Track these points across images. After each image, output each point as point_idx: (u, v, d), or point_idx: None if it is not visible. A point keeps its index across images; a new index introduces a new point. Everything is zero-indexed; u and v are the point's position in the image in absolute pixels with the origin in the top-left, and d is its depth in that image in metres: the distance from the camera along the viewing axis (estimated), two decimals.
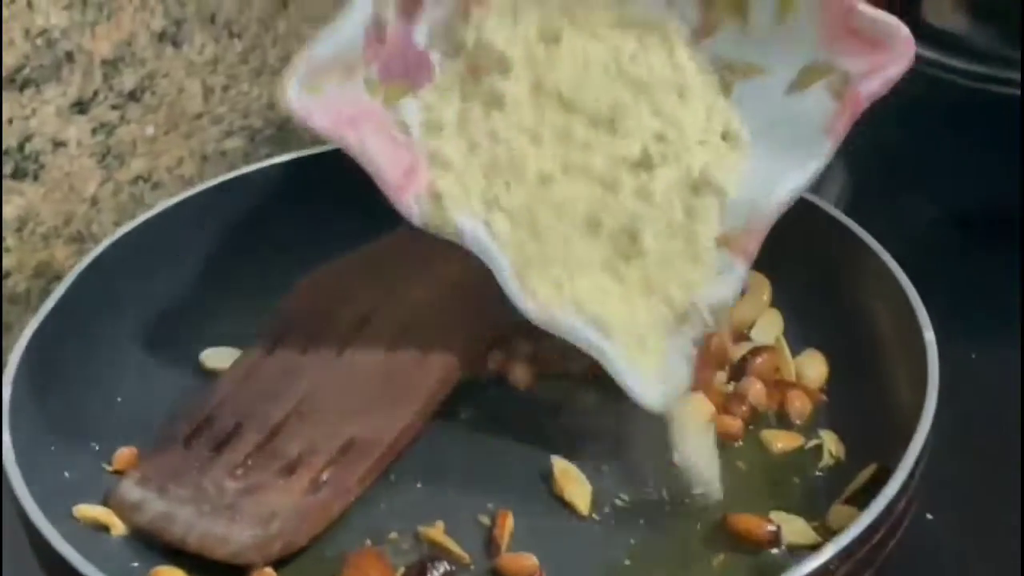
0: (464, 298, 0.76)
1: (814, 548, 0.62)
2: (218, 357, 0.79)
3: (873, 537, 0.61)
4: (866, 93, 0.71)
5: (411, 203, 0.69)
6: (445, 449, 0.74)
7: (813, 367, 0.76)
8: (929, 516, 0.74)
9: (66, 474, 0.71)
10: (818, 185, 0.84)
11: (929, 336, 0.69)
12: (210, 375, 0.78)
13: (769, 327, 0.79)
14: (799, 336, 0.78)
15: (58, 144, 0.97)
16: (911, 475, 0.63)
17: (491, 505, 0.70)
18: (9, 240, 0.96)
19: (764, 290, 0.79)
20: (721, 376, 0.75)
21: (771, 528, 0.67)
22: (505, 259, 0.70)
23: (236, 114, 1.07)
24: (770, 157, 0.72)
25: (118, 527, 0.70)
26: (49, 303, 0.73)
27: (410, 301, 0.77)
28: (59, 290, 0.74)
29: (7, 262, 0.96)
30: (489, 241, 0.70)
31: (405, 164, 0.69)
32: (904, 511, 0.63)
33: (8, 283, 0.96)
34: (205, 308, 0.80)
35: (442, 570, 0.67)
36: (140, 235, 0.79)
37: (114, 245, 0.77)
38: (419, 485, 0.72)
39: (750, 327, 0.79)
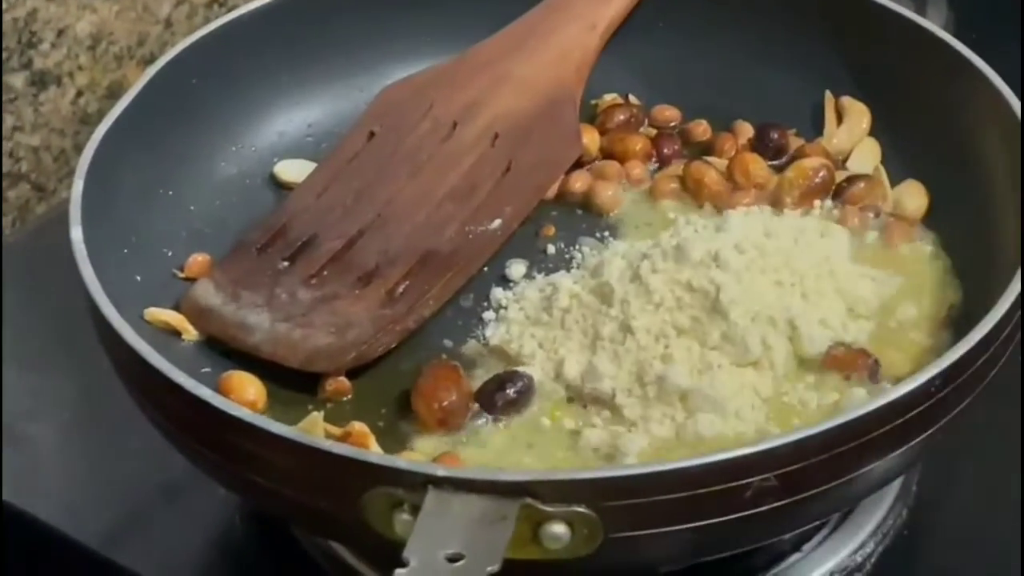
0: (558, 113, 0.72)
1: None
2: (292, 169, 0.76)
3: (979, 358, 0.58)
4: None
5: None
6: None
7: (913, 197, 0.72)
8: None
9: (137, 278, 0.68)
10: (923, 6, 0.80)
11: None
12: (284, 186, 0.76)
13: (867, 156, 0.75)
14: (900, 165, 0.74)
15: None
16: (1016, 304, 0.60)
17: None
18: (82, 58, 0.94)
19: (863, 118, 0.76)
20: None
21: (870, 360, 0.64)
22: None
23: None
24: None
25: (189, 332, 0.68)
26: (122, 103, 0.70)
27: (502, 110, 0.73)
28: (133, 90, 0.71)
29: (80, 80, 0.94)
30: None
31: None
32: (1011, 334, 0.60)
33: (80, 102, 0.95)
34: (279, 119, 0.77)
35: (519, 385, 0.64)
36: (215, 42, 0.75)
37: (190, 49, 0.74)
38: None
39: (847, 156, 0.75)
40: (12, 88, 0.91)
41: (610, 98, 0.79)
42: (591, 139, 0.77)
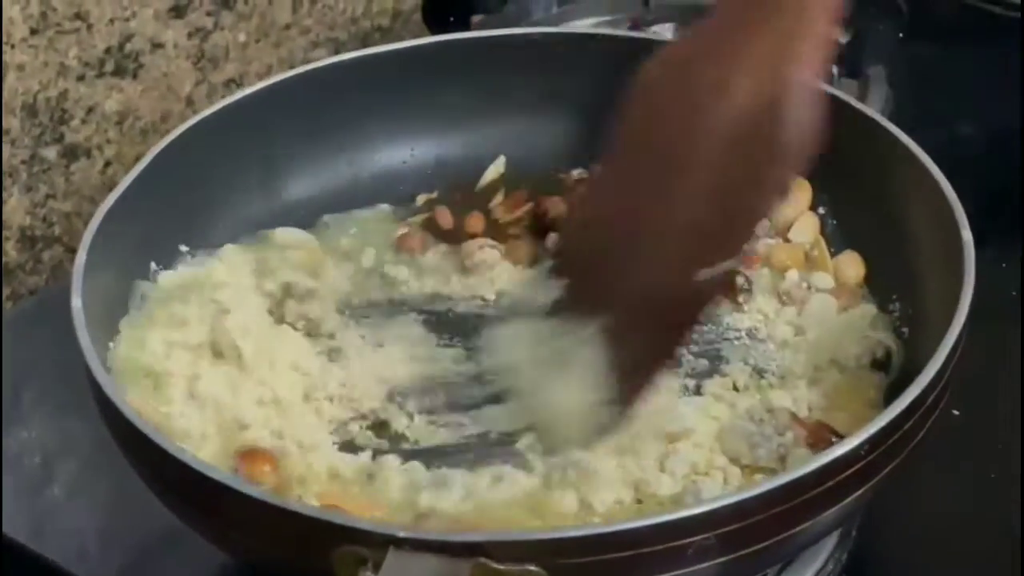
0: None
1: None
2: (287, 237, 0.72)
3: (903, 425, 0.54)
4: None
5: None
6: None
7: (851, 266, 0.69)
8: (956, 412, 0.67)
9: None
10: (863, 94, 0.78)
11: (967, 236, 0.61)
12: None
13: (807, 228, 0.71)
14: (838, 237, 0.71)
15: (156, 46, 0.92)
16: (942, 369, 0.56)
17: None
18: (110, 132, 0.91)
19: (804, 193, 0.72)
20: None
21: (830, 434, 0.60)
22: None
23: (322, 26, 1.02)
24: None
25: None
26: (124, 183, 0.66)
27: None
28: (135, 171, 0.67)
29: (108, 152, 0.91)
30: None
31: None
32: (934, 404, 0.56)
33: (108, 171, 0.92)
34: (276, 192, 0.74)
35: None
36: (214, 124, 0.71)
37: (191, 130, 0.70)
38: None
39: (789, 228, 0.71)
40: (46, 160, 0.88)
41: (577, 173, 0.76)
42: (562, 210, 0.73)
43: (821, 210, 0.72)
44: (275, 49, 0.99)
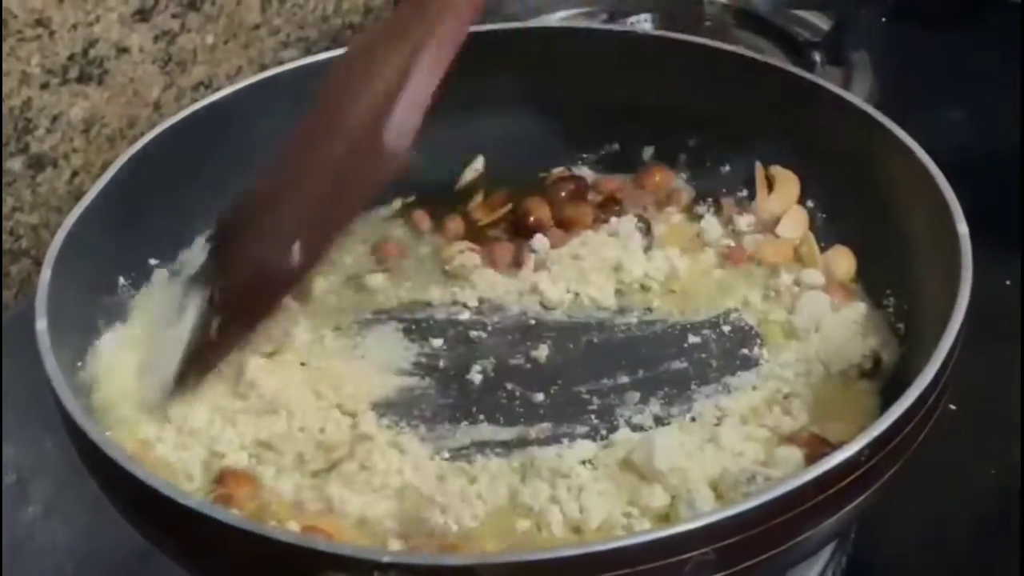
0: None
1: None
2: None
3: (904, 428, 0.52)
4: None
5: None
6: None
7: (841, 261, 0.67)
8: (952, 407, 0.65)
9: None
10: (847, 82, 0.75)
11: (963, 229, 0.59)
12: None
13: (795, 222, 0.69)
14: (828, 231, 0.68)
15: (121, 50, 0.89)
16: (942, 369, 0.54)
17: None
18: (76, 141, 0.88)
19: (792, 186, 0.70)
20: None
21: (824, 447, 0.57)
22: None
23: (292, 26, 1.00)
24: None
25: None
26: (88, 197, 0.64)
27: None
28: (99, 184, 0.65)
29: (75, 161, 0.89)
30: None
31: None
32: (934, 405, 0.54)
33: (75, 181, 0.89)
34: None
35: None
36: (186, 127, 0.69)
37: (161, 136, 0.68)
38: None
39: (776, 222, 0.69)
40: (11, 171, 0.85)
41: (558, 171, 0.74)
42: (543, 210, 0.71)
43: (810, 203, 0.69)
44: (244, 50, 0.96)
